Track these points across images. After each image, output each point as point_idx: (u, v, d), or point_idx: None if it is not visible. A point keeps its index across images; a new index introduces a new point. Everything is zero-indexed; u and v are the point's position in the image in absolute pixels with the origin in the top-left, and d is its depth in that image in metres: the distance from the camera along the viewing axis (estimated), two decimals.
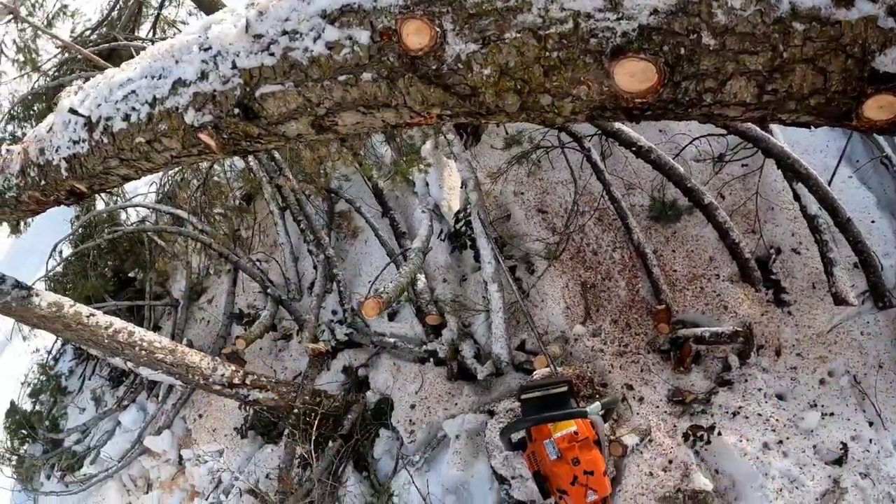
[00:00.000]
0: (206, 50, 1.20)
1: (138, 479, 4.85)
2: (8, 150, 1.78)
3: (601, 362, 3.40)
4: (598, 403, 2.76)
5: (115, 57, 6.25)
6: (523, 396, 2.76)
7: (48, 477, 5.22)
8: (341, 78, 1.11)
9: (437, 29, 1.00)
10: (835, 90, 0.94)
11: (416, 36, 1.02)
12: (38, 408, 5.75)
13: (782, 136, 3.91)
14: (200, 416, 4.68)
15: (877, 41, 0.87)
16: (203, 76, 1.22)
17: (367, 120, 1.21)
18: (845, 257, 3.78)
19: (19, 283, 2.70)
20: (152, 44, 5.98)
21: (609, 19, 0.93)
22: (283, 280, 4.27)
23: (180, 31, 6.81)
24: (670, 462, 3.35)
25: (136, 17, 6.64)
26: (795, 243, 3.77)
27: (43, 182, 1.68)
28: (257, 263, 4.41)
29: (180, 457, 4.74)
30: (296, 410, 3.96)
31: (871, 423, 3.60)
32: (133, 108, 1.36)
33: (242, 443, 4.40)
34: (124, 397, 5.20)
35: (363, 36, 1.06)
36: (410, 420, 3.69)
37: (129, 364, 3.67)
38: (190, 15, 6.80)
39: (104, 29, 6.70)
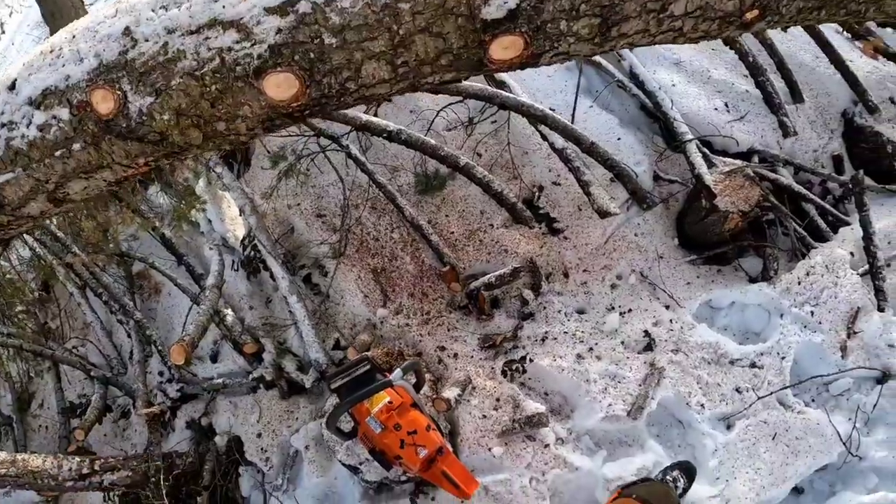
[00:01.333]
0: None
1: None
2: None
3: (410, 335, 3.65)
4: (398, 370, 2.93)
5: None
6: (333, 386, 2.87)
7: None
8: (57, 153, 1.25)
9: (119, 92, 1.16)
10: (458, 46, 1.08)
11: (103, 102, 1.17)
12: None
13: (520, 87, 4.33)
14: None
15: None
16: None
17: (93, 183, 1.35)
18: (601, 176, 4.27)
19: None
20: None
21: (245, 47, 1.09)
22: (103, 358, 4.15)
23: None
24: (498, 400, 3.62)
25: None
26: (554, 177, 4.21)
27: None
28: (74, 350, 4.25)
29: None
30: (152, 479, 3.90)
31: (667, 307, 4.05)
32: None
33: None
34: None
35: (64, 113, 1.21)
36: (262, 448, 3.75)
37: None
38: None
39: None
